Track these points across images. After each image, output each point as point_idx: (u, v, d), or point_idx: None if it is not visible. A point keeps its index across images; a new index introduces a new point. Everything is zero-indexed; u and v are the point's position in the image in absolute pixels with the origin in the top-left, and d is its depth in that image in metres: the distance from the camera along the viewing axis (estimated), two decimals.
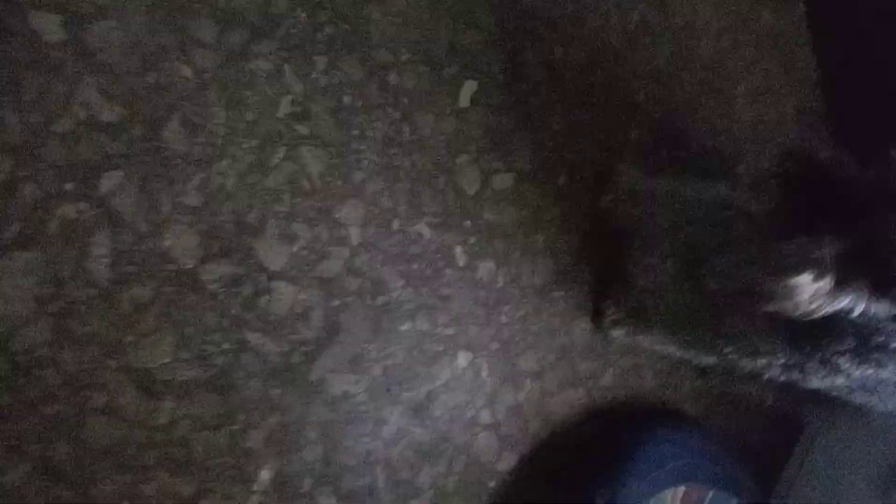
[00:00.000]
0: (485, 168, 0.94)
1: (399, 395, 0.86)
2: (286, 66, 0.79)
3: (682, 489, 1.03)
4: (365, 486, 0.84)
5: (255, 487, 0.76)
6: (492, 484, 0.96)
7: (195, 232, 0.73)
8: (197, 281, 0.73)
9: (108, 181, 0.69)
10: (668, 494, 1.02)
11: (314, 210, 0.80)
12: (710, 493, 1.06)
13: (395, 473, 0.86)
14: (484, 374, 0.94)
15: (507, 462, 0.97)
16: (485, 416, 0.94)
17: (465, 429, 0.92)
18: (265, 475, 0.77)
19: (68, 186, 0.67)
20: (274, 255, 0.78)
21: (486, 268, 0.94)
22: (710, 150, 1.22)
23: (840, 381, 0.73)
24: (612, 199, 1.05)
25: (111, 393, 0.69)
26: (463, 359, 0.92)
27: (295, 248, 0.79)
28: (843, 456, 1.17)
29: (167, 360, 0.72)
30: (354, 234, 0.83)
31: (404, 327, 0.87)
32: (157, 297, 0.71)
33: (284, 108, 0.79)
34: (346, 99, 0.83)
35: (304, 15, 0.80)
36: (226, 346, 0.75)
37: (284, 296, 0.78)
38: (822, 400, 0.85)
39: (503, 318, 0.96)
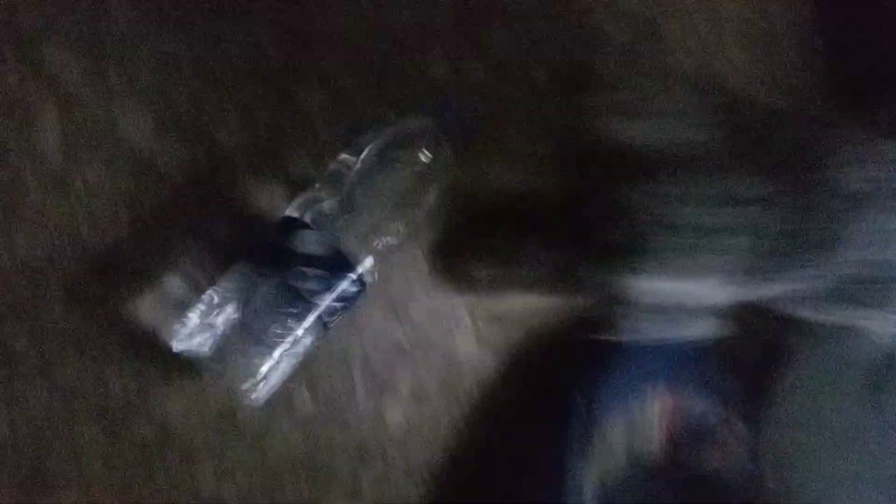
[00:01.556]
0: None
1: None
2: None
3: (666, 394, 1.03)
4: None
5: None
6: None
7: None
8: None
9: None
10: (650, 398, 1.02)
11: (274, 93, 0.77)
12: (695, 398, 1.05)
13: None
14: None
15: (486, 365, 0.96)
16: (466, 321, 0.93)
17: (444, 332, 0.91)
18: None
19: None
20: None
21: None
22: None
23: None
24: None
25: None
26: None
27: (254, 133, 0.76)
28: (827, 365, 1.16)
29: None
30: None
31: None
32: None
33: None
34: None
35: None
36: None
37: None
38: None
39: None
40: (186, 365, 0.69)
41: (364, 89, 0.79)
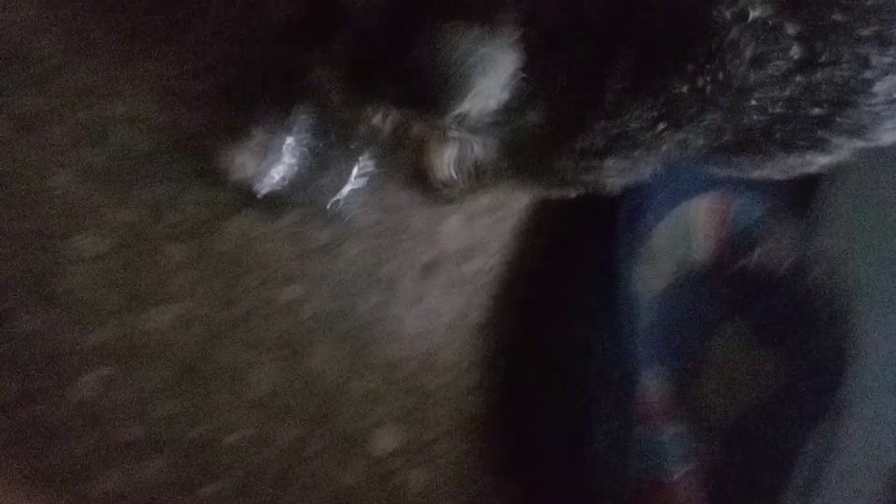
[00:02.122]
0: None
1: None
2: None
3: (705, 198, 1.03)
4: None
5: None
6: None
7: None
8: None
9: None
10: (691, 204, 1.03)
11: None
12: (736, 201, 1.06)
13: None
14: None
15: None
16: None
17: None
18: None
19: None
20: None
21: None
22: None
23: None
24: None
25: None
26: None
27: None
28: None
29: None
30: None
31: None
32: None
33: None
34: None
35: None
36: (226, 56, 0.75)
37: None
38: None
39: None
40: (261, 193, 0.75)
41: None
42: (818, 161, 0.64)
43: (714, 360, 1.07)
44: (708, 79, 0.53)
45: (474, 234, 0.90)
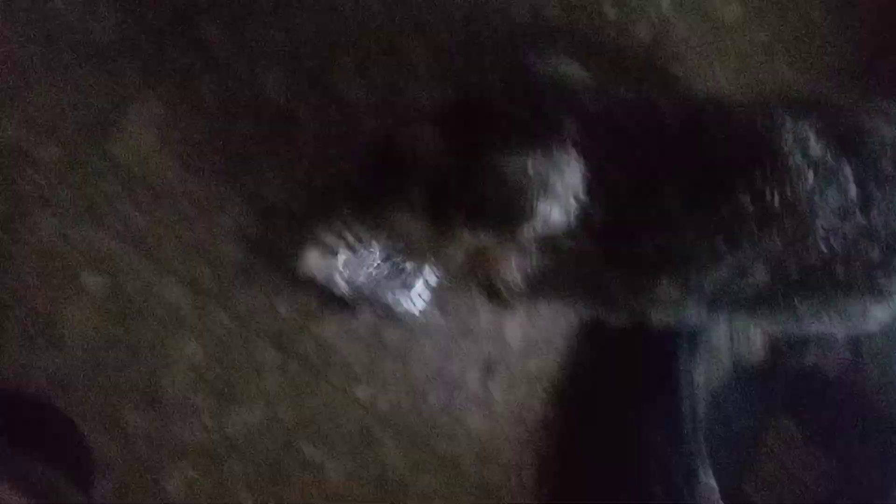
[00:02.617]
0: None
1: None
2: None
3: None
4: None
5: None
6: None
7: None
8: None
9: None
10: None
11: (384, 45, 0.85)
12: None
13: None
14: None
15: None
16: None
17: None
18: None
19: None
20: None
21: None
22: None
23: None
24: None
25: None
26: None
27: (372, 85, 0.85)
28: None
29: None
30: None
31: None
32: None
33: None
34: None
35: None
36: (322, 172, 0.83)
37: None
38: None
39: None
40: (339, 297, 0.81)
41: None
42: (876, 314, 0.64)
43: (767, 456, 1.07)
44: (774, 192, 0.54)
45: (537, 332, 0.94)
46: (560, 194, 0.55)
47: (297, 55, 0.81)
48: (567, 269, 0.70)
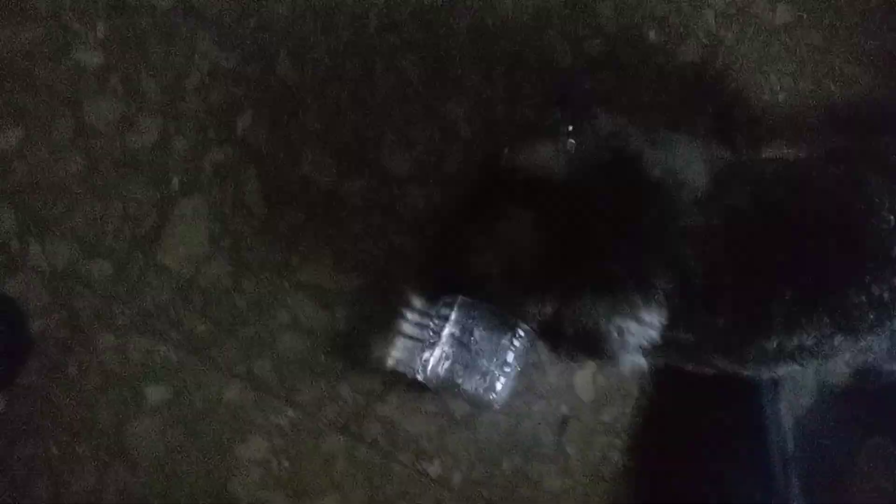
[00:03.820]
0: None
1: None
2: None
3: None
4: None
5: None
6: None
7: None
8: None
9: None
10: None
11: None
12: None
13: None
14: None
15: None
16: None
17: None
18: None
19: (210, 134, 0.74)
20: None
21: None
22: None
23: None
24: None
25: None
26: None
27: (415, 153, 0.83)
28: None
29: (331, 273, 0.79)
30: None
31: None
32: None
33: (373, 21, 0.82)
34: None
35: None
36: (376, 251, 0.80)
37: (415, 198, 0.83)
38: None
39: None
40: (401, 378, 0.78)
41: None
42: None
43: (862, 479, 1.02)
44: (884, 287, 0.53)
45: (609, 382, 0.90)
46: (646, 330, 0.54)
47: (336, 132, 0.79)
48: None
